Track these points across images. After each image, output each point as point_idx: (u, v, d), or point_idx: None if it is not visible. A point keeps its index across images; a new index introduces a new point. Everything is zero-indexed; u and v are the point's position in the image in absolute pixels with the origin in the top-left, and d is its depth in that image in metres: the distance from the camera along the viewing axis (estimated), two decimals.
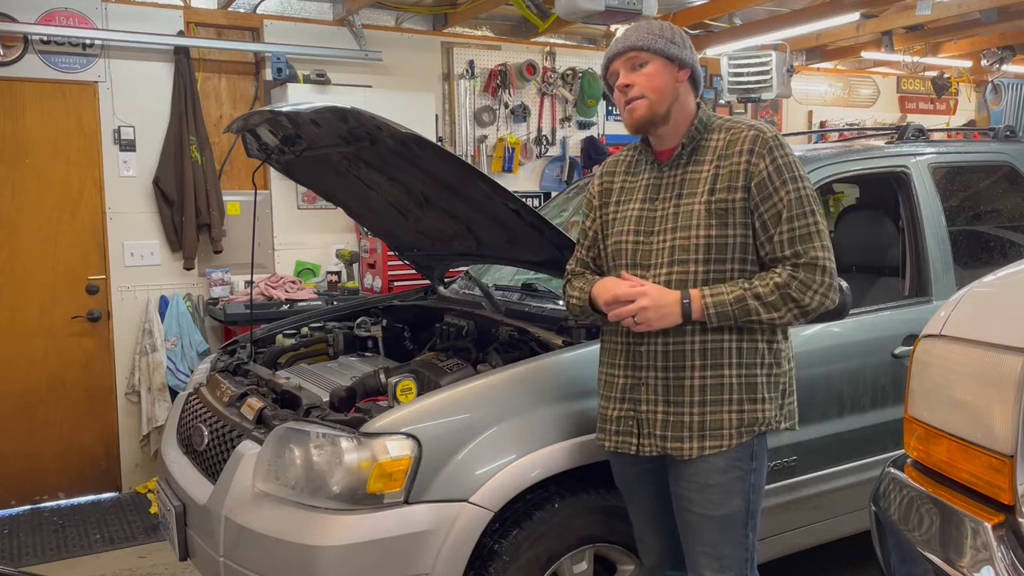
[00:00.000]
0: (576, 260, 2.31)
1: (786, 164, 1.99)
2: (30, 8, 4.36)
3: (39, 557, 3.95)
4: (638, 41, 2.05)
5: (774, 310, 1.96)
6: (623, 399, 2.12)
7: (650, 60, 2.04)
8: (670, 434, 2.05)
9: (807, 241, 1.97)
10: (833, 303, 2.00)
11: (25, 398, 4.52)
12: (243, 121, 2.83)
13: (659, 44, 2.04)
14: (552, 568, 2.37)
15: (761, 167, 1.99)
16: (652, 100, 2.04)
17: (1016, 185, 3.50)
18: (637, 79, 2.05)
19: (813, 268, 1.96)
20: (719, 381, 2.03)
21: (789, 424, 2.14)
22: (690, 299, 1.98)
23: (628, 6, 4.03)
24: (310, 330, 3.44)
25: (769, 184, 1.98)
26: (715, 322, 1.98)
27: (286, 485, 2.25)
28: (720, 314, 1.97)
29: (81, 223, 4.59)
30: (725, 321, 1.98)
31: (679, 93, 2.07)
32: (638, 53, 2.04)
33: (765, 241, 2.00)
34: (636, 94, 2.05)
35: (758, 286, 1.97)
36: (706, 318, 1.98)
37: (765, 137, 2.01)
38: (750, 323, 1.99)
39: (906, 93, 7.83)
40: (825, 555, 3.16)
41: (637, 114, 2.06)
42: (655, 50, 2.03)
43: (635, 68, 2.05)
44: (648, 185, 2.13)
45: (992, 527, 1.68)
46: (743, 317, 1.97)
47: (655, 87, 2.04)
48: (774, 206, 1.98)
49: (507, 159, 5.68)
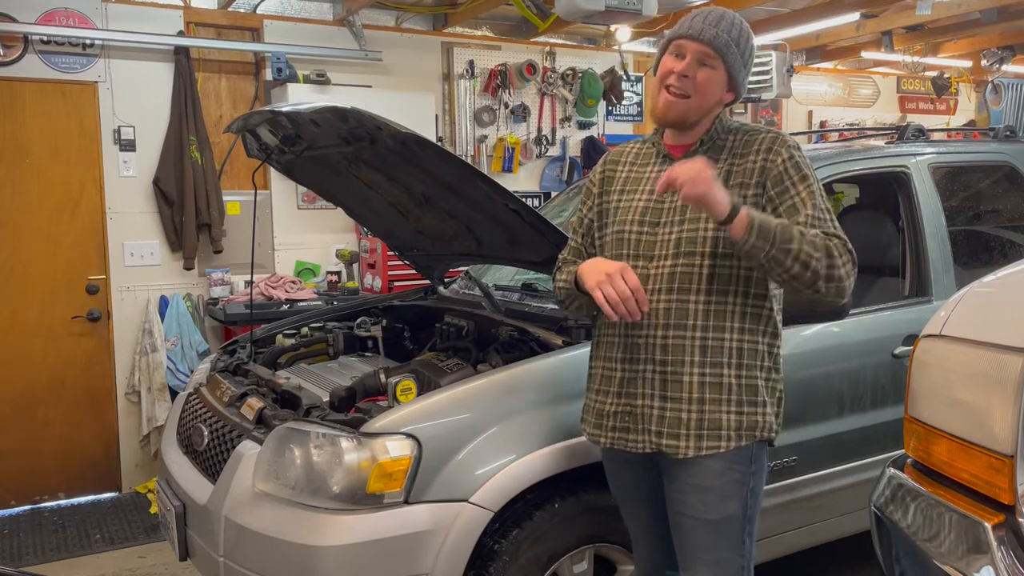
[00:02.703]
0: (569, 248, 2.27)
1: (803, 163, 1.99)
2: (30, 8, 4.35)
3: (39, 557, 3.94)
4: (719, 44, 1.99)
5: (815, 250, 1.85)
6: (620, 393, 2.07)
7: (717, 67, 2.00)
8: (666, 430, 2.00)
9: (828, 227, 1.93)
10: (851, 282, 1.91)
11: (25, 398, 4.51)
12: (243, 121, 2.83)
13: (732, 58, 2.00)
14: (552, 568, 2.37)
15: (778, 162, 1.98)
16: (694, 104, 2.01)
17: (1016, 185, 3.50)
18: (696, 74, 2.00)
19: (843, 243, 1.91)
20: (718, 380, 1.99)
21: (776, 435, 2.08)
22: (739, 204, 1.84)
23: (628, 6, 4.02)
24: (310, 330, 3.44)
25: (786, 178, 1.97)
26: (754, 235, 1.82)
27: (286, 485, 2.25)
28: (763, 226, 1.83)
29: (81, 223, 4.59)
30: (765, 237, 1.82)
31: (716, 107, 2.06)
32: (714, 56, 1.99)
33: None
34: (685, 90, 1.99)
35: (803, 226, 1.89)
36: (748, 222, 1.82)
37: (784, 138, 2.02)
38: (785, 253, 1.84)
39: (906, 93, 7.82)
40: (825, 555, 3.16)
41: (673, 113, 2.03)
42: (727, 62, 2.00)
43: (700, 64, 2.00)
44: (657, 178, 2.08)
45: (992, 527, 1.68)
46: (783, 242, 1.83)
47: (705, 93, 2.01)
48: (791, 199, 1.96)
49: (507, 159, 5.68)
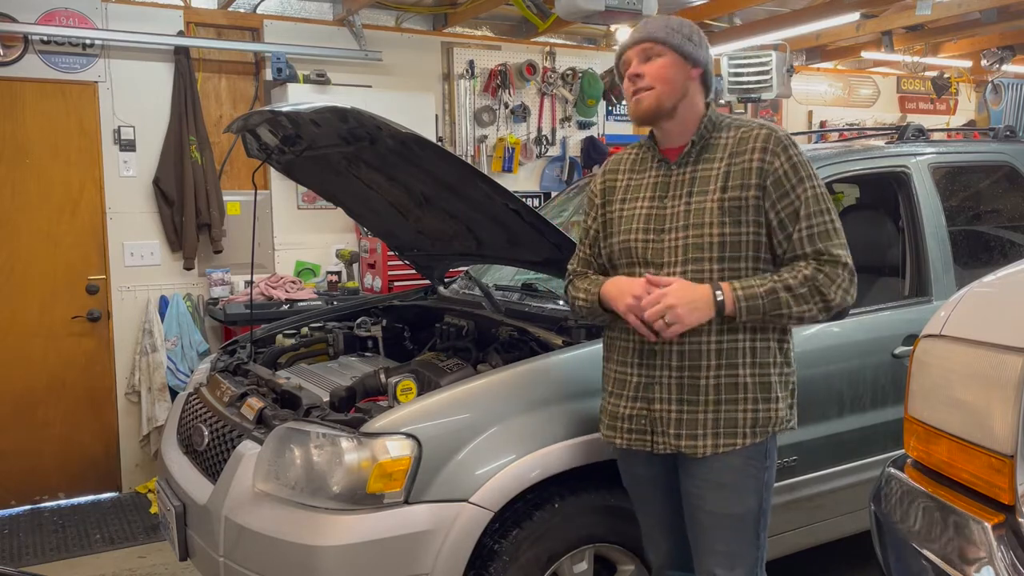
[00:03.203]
0: (578, 260, 2.30)
1: (801, 163, 1.99)
2: (30, 8, 4.35)
3: (39, 557, 3.94)
4: (655, 33, 2.04)
5: (804, 303, 1.93)
6: (636, 397, 2.10)
7: (664, 53, 2.04)
8: (684, 432, 2.04)
9: (827, 239, 1.96)
10: (852, 300, 1.98)
11: (25, 398, 4.52)
12: (243, 121, 2.83)
13: (675, 39, 2.04)
14: (552, 568, 2.37)
15: (776, 165, 1.98)
16: (659, 92, 2.03)
17: (1016, 185, 3.50)
18: (648, 69, 2.04)
19: (836, 264, 1.95)
20: (734, 380, 2.01)
21: (792, 424, 2.14)
22: (723, 292, 1.94)
23: (628, 6, 4.03)
24: (310, 330, 3.44)
25: (786, 182, 1.97)
26: (744, 316, 1.94)
27: (286, 485, 2.25)
28: (751, 307, 1.93)
29: (81, 223, 4.59)
30: (755, 315, 1.94)
31: (688, 90, 2.06)
32: (653, 44, 2.04)
33: (783, 239, 1.99)
34: (645, 84, 2.04)
35: (788, 278, 1.94)
36: (737, 312, 1.94)
37: (778, 135, 2.01)
38: (778, 317, 1.95)
39: (906, 93, 7.82)
40: (825, 555, 3.16)
41: (643, 105, 2.05)
42: (671, 44, 2.03)
43: (648, 59, 2.05)
44: (656, 183, 2.11)
45: (992, 527, 1.68)
46: (773, 311, 1.94)
47: (664, 79, 2.03)
48: (791, 204, 1.97)
49: (507, 159, 5.68)
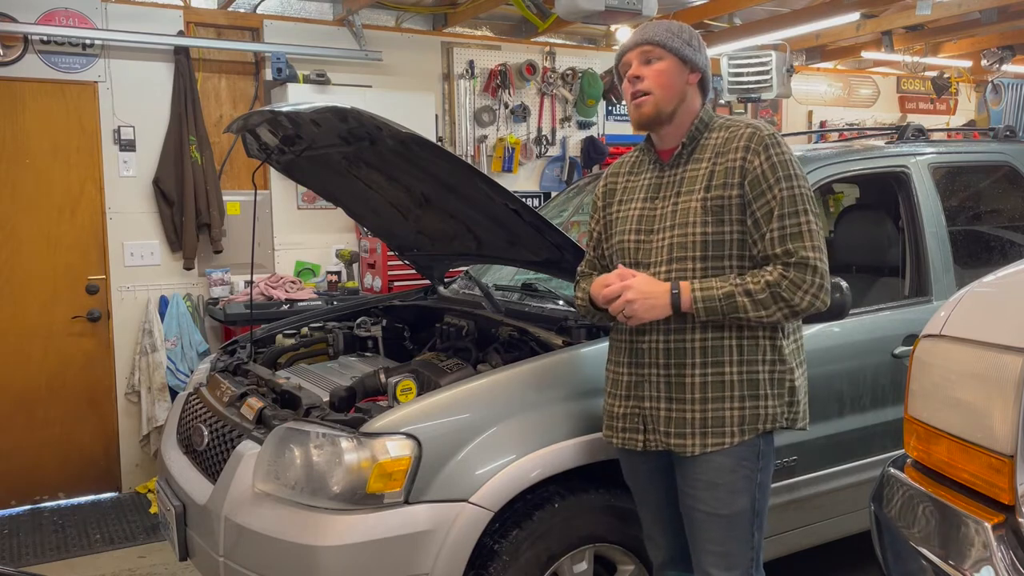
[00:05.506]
0: (586, 262, 2.35)
1: (781, 162, 1.99)
2: (30, 8, 4.35)
3: (39, 557, 3.94)
4: (655, 36, 2.06)
5: (763, 308, 1.96)
6: (628, 396, 2.15)
7: (663, 57, 2.06)
8: (673, 430, 2.07)
9: (798, 240, 1.96)
10: (824, 304, 1.99)
11: (25, 398, 4.51)
12: (243, 121, 2.83)
13: (675, 43, 2.06)
14: (552, 568, 2.37)
15: (755, 164, 1.99)
16: (659, 97, 2.06)
17: (1016, 185, 3.50)
18: (647, 73, 2.07)
19: (804, 268, 1.96)
20: (720, 378, 2.03)
21: (802, 424, 2.14)
22: (680, 290, 1.98)
23: (628, 6, 4.03)
24: (310, 330, 3.44)
25: (763, 181, 1.99)
26: (703, 316, 1.99)
27: (286, 485, 2.25)
28: (708, 308, 1.97)
29: (81, 223, 4.59)
30: (713, 315, 1.98)
31: (687, 95, 2.09)
32: (653, 47, 2.06)
33: (758, 239, 2.00)
34: (644, 88, 2.06)
35: (749, 283, 1.97)
36: (694, 311, 1.98)
37: (761, 135, 2.01)
38: (738, 320, 1.99)
39: (906, 93, 7.82)
40: (825, 555, 3.16)
41: (644, 111, 2.08)
42: (670, 48, 2.06)
43: (648, 62, 2.07)
44: (650, 184, 2.16)
45: (992, 527, 1.68)
46: (731, 313, 1.97)
47: (664, 84, 2.05)
48: (767, 203, 1.98)
49: (507, 159, 5.68)
